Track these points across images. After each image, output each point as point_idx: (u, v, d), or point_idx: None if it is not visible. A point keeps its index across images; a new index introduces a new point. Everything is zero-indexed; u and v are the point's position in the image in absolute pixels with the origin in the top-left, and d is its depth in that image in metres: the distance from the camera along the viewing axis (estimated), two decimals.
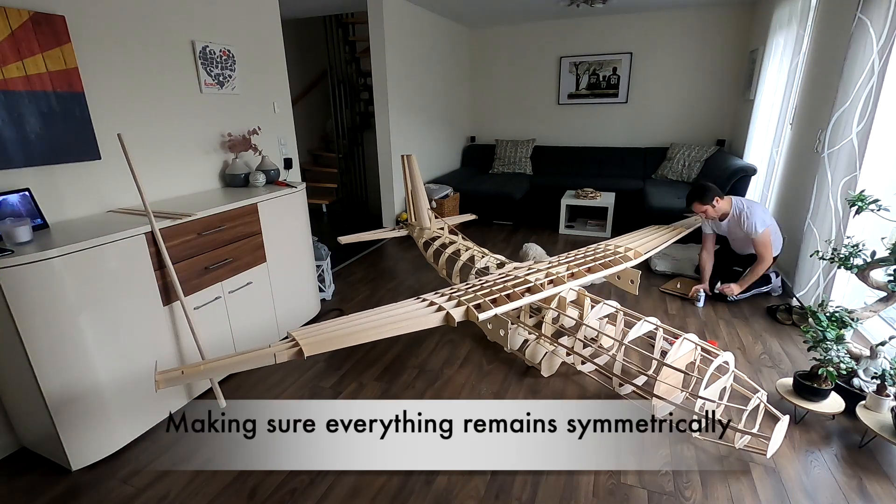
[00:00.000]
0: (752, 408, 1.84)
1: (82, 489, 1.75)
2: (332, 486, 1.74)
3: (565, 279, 2.28)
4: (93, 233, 1.79)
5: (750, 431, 1.78)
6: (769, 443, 1.75)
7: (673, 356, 1.99)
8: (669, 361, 1.95)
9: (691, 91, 5.53)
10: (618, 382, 2.17)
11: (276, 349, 1.70)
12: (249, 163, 2.88)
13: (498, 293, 2.10)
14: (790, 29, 3.65)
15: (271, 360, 1.68)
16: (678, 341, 2.02)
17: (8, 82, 1.75)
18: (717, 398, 1.91)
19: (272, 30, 3.03)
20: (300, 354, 1.69)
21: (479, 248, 3.18)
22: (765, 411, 1.87)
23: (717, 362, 1.90)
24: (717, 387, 1.94)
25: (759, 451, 1.79)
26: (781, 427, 1.77)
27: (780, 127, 3.82)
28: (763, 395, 1.86)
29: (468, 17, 5.52)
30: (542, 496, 1.68)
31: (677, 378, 2.01)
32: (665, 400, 1.94)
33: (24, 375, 1.68)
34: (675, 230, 3.18)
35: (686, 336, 2.05)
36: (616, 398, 2.17)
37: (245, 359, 1.73)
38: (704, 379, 1.84)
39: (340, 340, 1.70)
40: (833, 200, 2.75)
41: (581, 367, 2.36)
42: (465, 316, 1.94)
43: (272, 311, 2.68)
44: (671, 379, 1.98)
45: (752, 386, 1.96)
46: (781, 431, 1.79)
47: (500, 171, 6.14)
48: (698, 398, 1.84)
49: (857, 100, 2.56)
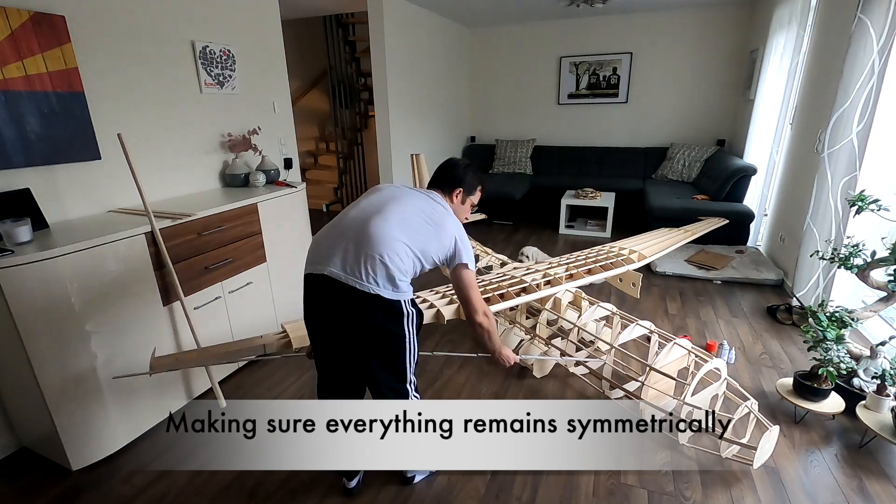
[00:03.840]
0: (741, 416, 1.76)
1: (82, 489, 1.75)
2: (333, 485, 1.74)
3: (562, 280, 2.27)
4: (93, 233, 1.79)
5: (737, 441, 1.72)
6: (756, 453, 1.68)
7: (662, 361, 1.93)
8: (658, 366, 1.90)
9: (691, 91, 5.53)
10: (608, 386, 2.15)
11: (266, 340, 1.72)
12: (249, 163, 2.88)
13: (492, 293, 2.10)
14: (790, 29, 3.65)
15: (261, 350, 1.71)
16: (668, 346, 1.97)
17: (8, 82, 1.75)
18: (707, 405, 1.84)
19: (272, 30, 3.03)
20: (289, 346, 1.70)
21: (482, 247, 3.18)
22: (755, 420, 1.79)
23: (707, 368, 1.84)
24: (707, 393, 1.87)
25: (747, 461, 1.73)
26: (771, 437, 1.71)
27: (780, 127, 3.83)
28: (754, 404, 1.79)
29: (468, 17, 5.52)
30: (542, 496, 1.68)
31: (667, 384, 1.95)
32: (653, 405, 1.90)
33: (24, 375, 1.68)
34: (687, 232, 3.07)
35: (677, 341, 1.99)
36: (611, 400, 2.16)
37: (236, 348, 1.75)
38: (691, 385, 1.79)
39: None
40: (833, 200, 2.75)
41: (573, 370, 2.34)
42: (457, 314, 1.94)
43: (272, 310, 2.68)
44: (660, 384, 1.93)
45: (743, 394, 1.90)
46: (771, 442, 1.73)
47: (500, 171, 6.14)
48: (685, 404, 1.78)
49: (857, 100, 2.56)
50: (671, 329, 2.85)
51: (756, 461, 1.70)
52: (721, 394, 1.94)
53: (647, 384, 1.92)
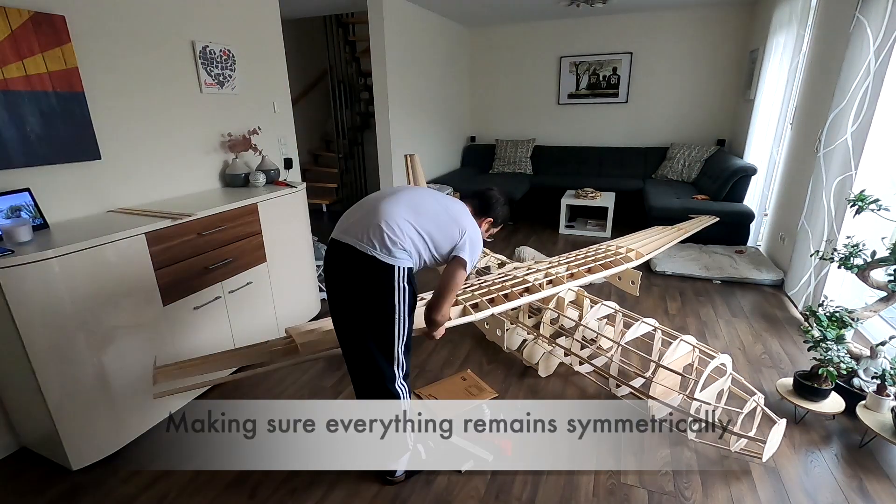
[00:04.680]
0: (749, 411, 1.81)
1: (82, 489, 1.75)
2: (333, 485, 1.74)
3: (564, 279, 2.28)
4: (93, 233, 1.79)
5: (746, 435, 1.75)
6: (765, 447, 1.71)
7: (669, 358, 1.96)
8: (665, 363, 1.93)
9: (691, 91, 5.53)
10: (615, 384, 2.16)
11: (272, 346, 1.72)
12: (249, 163, 2.89)
13: (496, 293, 2.10)
14: (790, 29, 3.65)
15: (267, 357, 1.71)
16: (674, 343, 2.00)
17: (8, 82, 1.75)
18: (714, 400, 1.89)
19: (272, 30, 3.03)
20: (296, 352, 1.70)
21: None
22: (762, 414, 1.83)
23: (714, 364, 1.88)
24: (714, 389, 1.90)
25: (756, 454, 1.76)
26: (778, 431, 1.74)
27: (780, 127, 3.83)
28: (760, 398, 1.83)
29: (468, 17, 5.52)
30: (542, 496, 1.68)
31: (674, 380, 1.98)
32: (661, 402, 1.92)
33: (24, 375, 1.68)
34: (680, 230, 3.12)
35: (683, 337, 2.03)
36: (616, 398, 2.17)
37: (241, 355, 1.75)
38: (700, 381, 1.82)
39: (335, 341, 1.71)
40: (826, 200, 2.75)
41: (578, 368, 2.35)
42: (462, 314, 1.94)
43: (272, 310, 2.68)
44: (667, 381, 1.96)
45: (749, 388, 1.94)
46: (778, 435, 1.77)
47: (500, 171, 6.14)
48: (694, 400, 1.82)
49: (852, 100, 2.56)
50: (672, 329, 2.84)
51: (765, 454, 1.73)
52: (727, 389, 1.97)
53: (655, 381, 1.94)
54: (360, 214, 1.56)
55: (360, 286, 1.52)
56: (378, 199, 1.59)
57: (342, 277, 1.57)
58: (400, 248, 1.49)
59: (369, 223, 1.51)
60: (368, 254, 1.48)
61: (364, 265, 1.49)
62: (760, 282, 3.46)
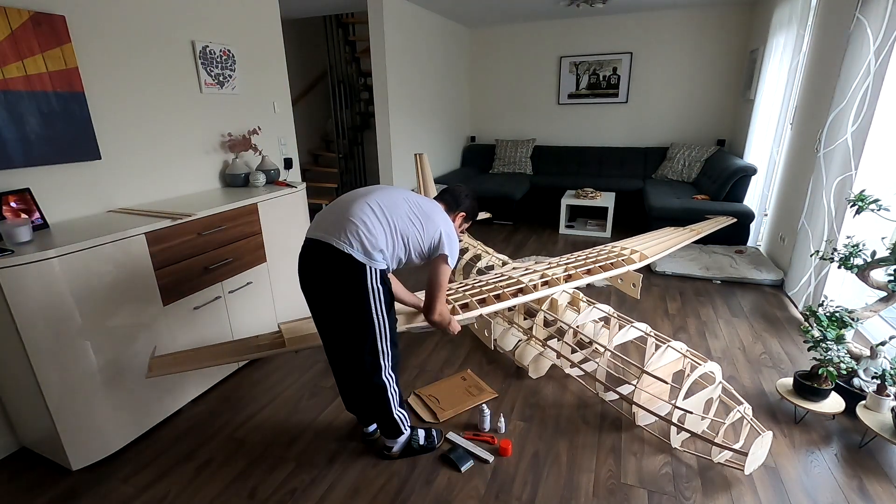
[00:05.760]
0: (734, 421, 1.75)
1: (82, 489, 1.75)
2: (332, 485, 1.74)
3: (560, 281, 2.27)
4: (93, 233, 1.79)
5: (728, 446, 1.70)
6: (747, 459, 1.65)
7: (655, 364, 1.89)
8: (651, 370, 1.86)
9: (691, 91, 5.53)
10: (603, 388, 2.14)
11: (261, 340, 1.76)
12: (249, 163, 2.89)
13: (487, 293, 2.10)
14: (790, 29, 3.65)
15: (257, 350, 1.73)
16: (661, 349, 1.93)
17: (8, 82, 1.75)
18: (701, 409, 1.82)
19: (272, 30, 3.03)
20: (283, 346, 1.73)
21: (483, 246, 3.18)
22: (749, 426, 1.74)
23: (700, 371, 1.81)
24: (701, 397, 1.83)
25: (738, 466, 1.71)
26: (763, 444, 1.68)
27: (780, 127, 3.83)
28: (748, 409, 1.75)
29: (468, 17, 5.52)
30: (542, 496, 1.68)
31: (661, 387, 1.92)
32: (645, 409, 1.88)
33: (24, 375, 1.68)
34: (693, 231, 3.03)
35: (671, 343, 1.95)
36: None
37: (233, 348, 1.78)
38: (683, 389, 1.77)
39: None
40: (826, 200, 2.75)
41: (569, 371, 2.33)
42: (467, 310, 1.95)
43: (272, 310, 2.68)
44: (653, 388, 1.91)
45: (737, 398, 1.86)
46: (763, 448, 1.70)
47: (500, 171, 6.14)
48: (676, 408, 1.76)
49: (852, 100, 2.56)
50: (671, 329, 2.85)
51: (747, 467, 1.67)
52: (716, 398, 1.91)
53: (639, 387, 1.90)
54: (335, 215, 1.58)
55: (334, 287, 1.56)
56: (352, 199, 1.62)
57: (317, 276, 1.60)
58: (375, 247, 1.53)
59: (345, 222, 1.54)
60: (345, 251, 1.50)
61: (338, 263, 1.51)
62: (760, 282, 3.46)
